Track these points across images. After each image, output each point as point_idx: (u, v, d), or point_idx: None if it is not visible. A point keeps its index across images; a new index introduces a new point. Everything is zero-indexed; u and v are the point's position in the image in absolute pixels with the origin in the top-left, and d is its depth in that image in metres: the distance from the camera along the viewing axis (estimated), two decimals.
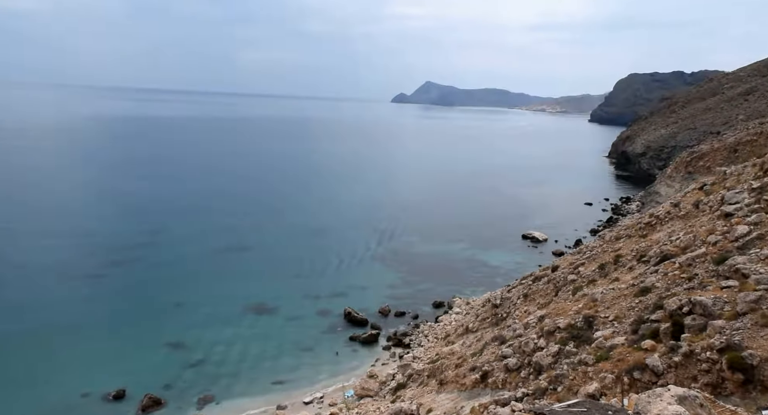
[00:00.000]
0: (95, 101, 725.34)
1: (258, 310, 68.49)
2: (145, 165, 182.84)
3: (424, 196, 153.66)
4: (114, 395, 47.50)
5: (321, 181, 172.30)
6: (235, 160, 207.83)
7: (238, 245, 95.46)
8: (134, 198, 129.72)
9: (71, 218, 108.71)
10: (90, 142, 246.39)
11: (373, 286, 78.90)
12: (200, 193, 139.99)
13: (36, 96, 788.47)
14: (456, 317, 65.19)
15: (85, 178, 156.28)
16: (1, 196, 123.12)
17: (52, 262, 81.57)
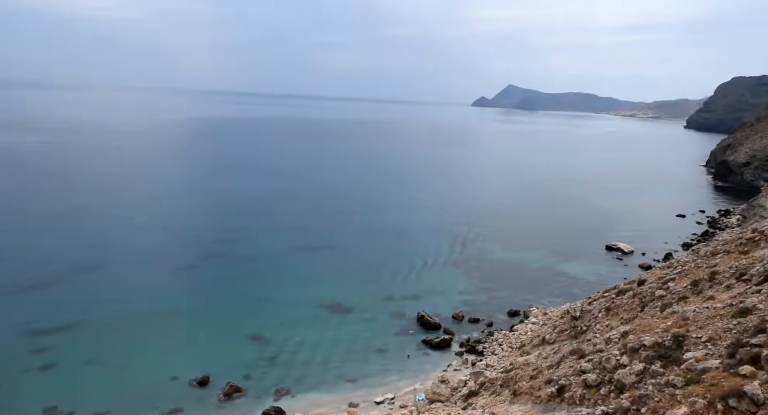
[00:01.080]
0: (187, 104, 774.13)
1: (333, 309, 70.11)
2: (229, 164, 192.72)
3: (503, 202, 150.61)
4: (199, 381, 50.40)
5: (398, 183, 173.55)
6: (315, 162, 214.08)
7: (315, 245, 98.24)
8: (224, 196, 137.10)
9: (170, 213, 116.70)
10: (178, 141, 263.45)
11: (446, 291, 78.39)
12: (282, 193, 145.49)
13: (139, 99, 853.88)
14: (532, 328, 63.32)
15: (181, 175, 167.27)
16: (112, 191, 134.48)
17: (151, 252, 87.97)
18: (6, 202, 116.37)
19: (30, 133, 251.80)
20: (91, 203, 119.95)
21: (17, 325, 59.72)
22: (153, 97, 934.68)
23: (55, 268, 78.31)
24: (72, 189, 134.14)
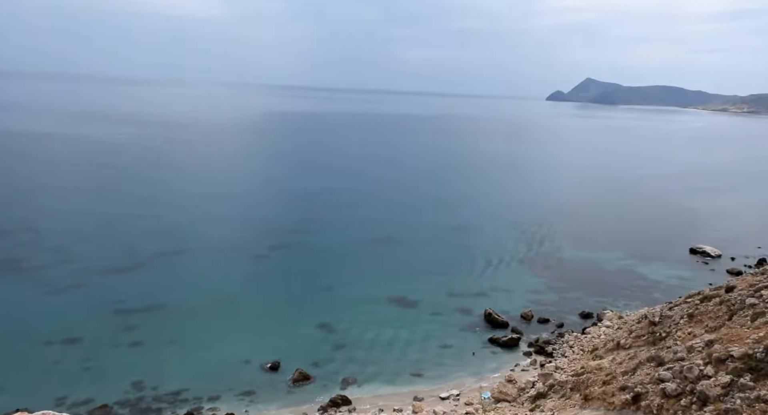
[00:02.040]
0: (262, 99, 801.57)
1: (399, 302, 70.51)
2: (302, 158, 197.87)
3: (578, 199, 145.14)
4: (270, 366, 52.41)
5: (469, 179, 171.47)
6: (387, 157, 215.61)
7: (384, 238, 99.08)
8: (296, 189, 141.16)
9: (244, 204, 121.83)
10: (255, 135, 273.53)
11: (516, 289, 76.72)
12: (353, 186, 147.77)
13: (219, 94, 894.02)
14: (606, 331, 60.74)
15: (256, 168, 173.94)
16: (192, 182, 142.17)
17: (227, 241, 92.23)
18: (101, 190, 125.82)
19: (123, 126, 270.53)
20: (173, 193, 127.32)
21: (109, 303, 64.59)
22: (233, 93, 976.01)
23: (142, 252, 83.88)
24: (157, 179, 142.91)
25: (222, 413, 44.84)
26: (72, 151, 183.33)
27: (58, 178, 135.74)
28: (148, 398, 46.33)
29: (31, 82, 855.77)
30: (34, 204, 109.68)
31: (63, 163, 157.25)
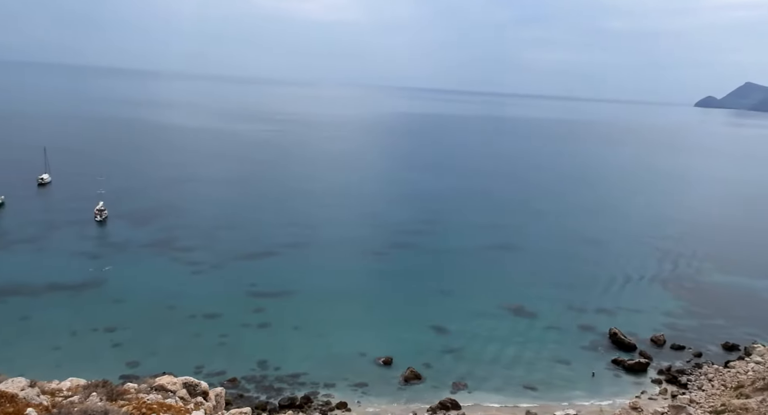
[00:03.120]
0: (395, 101, 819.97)
1: (517, 311, 68.42)
2: (429, 159, 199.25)
3: (727, 217, 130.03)
4: (384, 361, 53.69)
5: (601, 188, 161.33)
6: (510, 160, 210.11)
7: (505, 244, 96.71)
8: (414, 187, 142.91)
9: (368, 201, 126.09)
10: (384, 134, 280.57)
11: (647, 310, 70.73)
12: (474, 189, 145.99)
13: (350, 95, 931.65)
14: (755, 367, 53.81)
15: (382, 166, 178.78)
16: (321, 177, 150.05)
17: (348, 236, 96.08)
18: (242, 182, 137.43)
19: (264, 123, 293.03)
20: (303, 187, 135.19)
21: (243, 286, 70.46)
22: (367, 95, 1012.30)
23: (272, 241, 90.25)
24: (292, 173, 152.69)
25: (336, 400, 46.84)
26: (220, 144, 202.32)
27: (206, 169, 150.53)
28: (271, 377, 49.81)
29: (195, 83, 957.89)
30: (185, 191, 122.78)
31: (211, 155, 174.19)
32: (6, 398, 17.58)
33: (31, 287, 65.72)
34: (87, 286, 67.86)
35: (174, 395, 23.96)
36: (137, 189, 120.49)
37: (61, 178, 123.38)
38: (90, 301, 63.63)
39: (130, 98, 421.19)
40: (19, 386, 20.06)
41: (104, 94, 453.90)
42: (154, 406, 20.18)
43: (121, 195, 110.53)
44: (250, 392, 47.38)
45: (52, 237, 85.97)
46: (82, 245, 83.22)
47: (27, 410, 17.21)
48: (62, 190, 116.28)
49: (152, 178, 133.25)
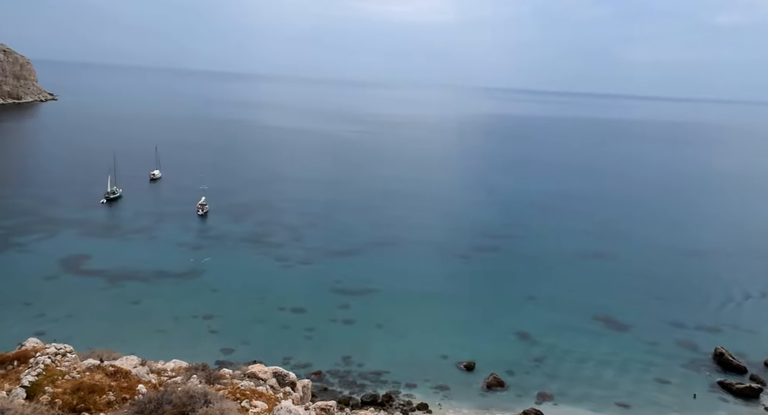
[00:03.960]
0: (481, 102, 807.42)
1: (608, 322, 64.97)
2: (517, 161, 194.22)
3: None
4: (465, 365, 53.06)
5: (707, 195, 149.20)
6: (606, 164, 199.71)
7: (596, 251, 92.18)
8: (500, 190, 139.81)
9: (452, 202, 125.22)
10: (469, 136, 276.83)
11: (762, 330, 64.40)
12: (565, 193, 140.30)
13: (435, 96, 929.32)
14: None
15: (468, 167, 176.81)
16: (403, 178, 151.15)
17: (432, 237, 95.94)
18: (334, 180, 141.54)
19: (352, 124, 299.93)
20: (389, 187, 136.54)
21: (329, 282, 72.55)
22: (454, 96, 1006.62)
23: (358, 240, 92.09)
24: (379, 173, 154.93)
25: (417, 400, 46.94)
26: (311, 144, 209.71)
27: (297, 168, 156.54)
28: (354, 373, 50.88)
29: (290, 85, 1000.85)
30: (277, 189, 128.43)
31: (302, 155, 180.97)
32: (122, 373, 19.38)
33: (142, 274, 71.79)
34: (188, 275, 73.03)
35: (265, 383, 25.22)
36: (235, 186, 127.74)
37: (169, 174, 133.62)
38: (191, 289, 68.43)
39: (231, 100, 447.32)
40: (132, 364, 22.03)
41: (207, 96, 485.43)
42: (247, 392, 21.32)
43: (221, 191, 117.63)
44: (334, 386, 48.67)
45: (160, 228, 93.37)
46: (185, 236, 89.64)
47: (138, 386, 18.87)
48: (170, 186, 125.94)
49: (248, 176, 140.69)
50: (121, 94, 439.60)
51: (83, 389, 17.18)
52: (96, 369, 19.81)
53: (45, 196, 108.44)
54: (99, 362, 20.59)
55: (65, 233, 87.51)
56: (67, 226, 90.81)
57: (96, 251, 79.11)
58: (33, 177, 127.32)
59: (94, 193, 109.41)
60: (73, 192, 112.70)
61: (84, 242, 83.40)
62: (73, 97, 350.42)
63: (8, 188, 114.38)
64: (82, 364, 20.10)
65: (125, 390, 18.27)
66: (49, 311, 59.20)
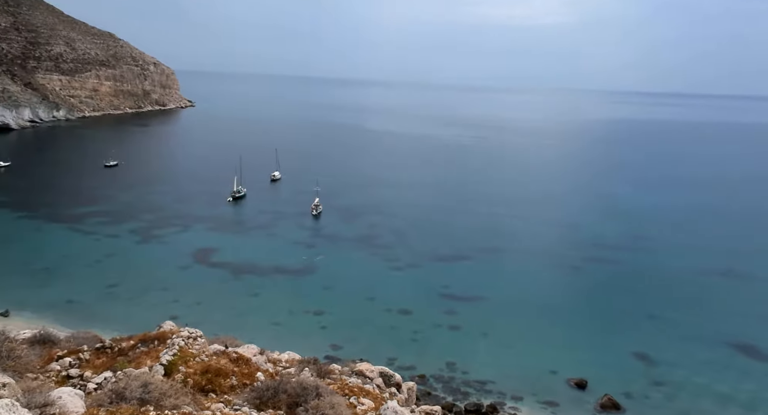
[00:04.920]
0: (605, 106, 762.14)
1: (746, 350, 58.18)
2: (637, 169, 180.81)
3: None
4: (576, 383, 50.32)
5: None
6: (748, 174, 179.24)
7: (731, 271, 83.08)
8: (621, 201, 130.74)
9: (565, 210, 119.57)
10: (590, 143, 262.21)
11: None
12: (692, 205, 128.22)
13: (554, 101, 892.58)
14: None
15: (580, 175, 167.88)
16: (519, 184, 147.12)
17: (542, 246, 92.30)
18: (440, 185, 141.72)
19: (468, 129, 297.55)
20: (499, 193, 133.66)
21: (436, 286, 72.58)
22: (573, 100, 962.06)
23: (467, 245, 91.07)
24: (490, 179, 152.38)
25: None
26: (423, 149, 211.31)
27: (409, 172, 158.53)
28: (458, 380, 50.40)
29: (404, 91, 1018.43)
30: (388, 192, 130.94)
31: (414, 159, 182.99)
32: (243, 360, 20.94)
33: (261, 268, 76.91)
34: (302, 272, 76.94)
35: (371, 382, 25.87)
36: (348, 188, 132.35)
37: (288, 176, 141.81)
38: (304, 285, 72.05)
39: (345, 105, 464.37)
40: (252, 352, 23.73)
41: (324, 102, 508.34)
42: (355, 389, 22.00)
43: (334, 193, 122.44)
44: (437, 391, 48.54)
45: (278, 226, 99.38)
46: (300, 234, 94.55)
47: (258, 373, 20.27)
48: (288, 186, 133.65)
49: (360, 179, 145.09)
50: (249, 100, 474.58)
51: (211, 372, 18.82)
52: (221, 354, 21.60)
53: (181, 193, 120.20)
54: (224, 348, 22.43)
55: (197, 227, 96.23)
56: (198, 221, 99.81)
57: (222, 245, 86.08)
58: (172, 175, 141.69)
59: (221, 191, 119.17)
60: (204, 190, 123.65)
61: (212, 236, 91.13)
62: (208, 103, 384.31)
63: (152, 185, 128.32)
64: (210, 348, 22.01)
65: (246, 376, 19.72)
66: (182, 297, 65.45)
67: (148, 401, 13.91)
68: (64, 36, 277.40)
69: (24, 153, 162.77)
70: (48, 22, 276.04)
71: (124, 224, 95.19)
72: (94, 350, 22.21)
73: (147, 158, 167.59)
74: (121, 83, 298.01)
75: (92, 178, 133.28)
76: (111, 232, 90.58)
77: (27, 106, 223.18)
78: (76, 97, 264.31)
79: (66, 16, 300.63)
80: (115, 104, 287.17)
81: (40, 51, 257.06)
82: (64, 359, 21.08)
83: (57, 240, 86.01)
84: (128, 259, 78.82)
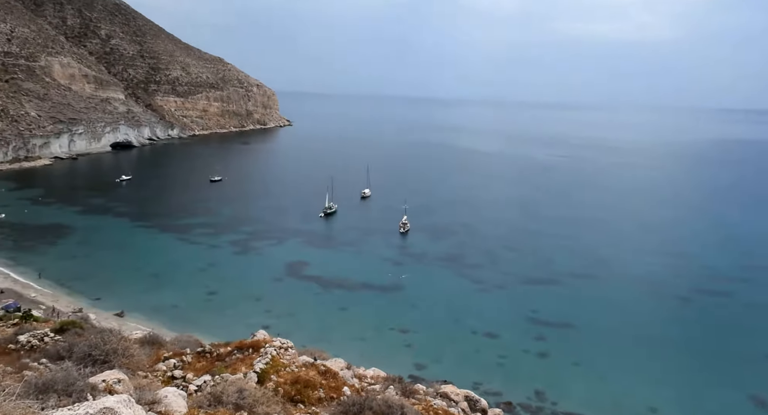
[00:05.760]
0: (715, 124, 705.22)
1: None
2: (753, 193, 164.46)
3: None
4: None
5: None
6: None
7: None
8: (735, 228, 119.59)
9: (671, 237, 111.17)
10: (699, 164, 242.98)
11: None
12: None
13: (661, 120, 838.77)
14: None
15: (689, 199, 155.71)
16: (615, 208, 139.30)
17: (644, 274, 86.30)
18: (530, 205, 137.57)
19: (553, 147, 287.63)
20: (594, 216, 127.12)
21: (524, 310, 70.15)
22: (677, 118, 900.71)
23: (558, 269, 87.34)
24: (580, 201, 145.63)
25: None
26: (511, 168, 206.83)
27: (496, 191, 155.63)
28: (547, 410, 48.12)
29: (491, 109, 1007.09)
30: (476, 212, 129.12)
31: (501, 178, 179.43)
32: (331, 374, 21.41)
33: (349, 283, 78.54)
34: (388, 288, 77.56)
35: (456, 406, 25.32)
36: (435, 206, 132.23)
37: (377, 193, 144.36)
38: (390, 302, 72.55)
39: (432, 124, 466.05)
40: (339, 366, 24.19)
41: (417, 120, 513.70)
42: (440, 412, 21.67)
43: (422, 211, 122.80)
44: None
45: (366, 242, 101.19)
46: (387, 252, 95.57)
47: (344, 388, 20.64)
48: (377, 203, 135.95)
49: (447, 198, 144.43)
50: (346, 119, 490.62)
51: (300, 383, 19.43)
52: (310, 366, 22.23)
53: (277, 208, 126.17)
54: (313, 360, 23.08)
55: (290, 241, 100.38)
56: (292, 235, 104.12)
57: (313, 259, 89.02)
58: (269, 190, 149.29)
59: (314, 207, 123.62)
60: (298, 205, 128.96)
61: (304, 250, 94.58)
62: (304, 122, 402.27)
63: (251, 199, 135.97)
64: (299, 359, 22.75)
65: (333, 390, 20.13)
66: (274, 307, 68.33)
67: (243, 407, 14.64)
68: (181, 61, 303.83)
69: (142, 168, 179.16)
70: (168, 49, 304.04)
71: (224, 235, 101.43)
72: (195, 353, 23.75)
73: (247, 174, 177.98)
74: (227, 104, 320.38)
75: (199, 192, 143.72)
76: (213, 242, 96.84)
77: (147, 126, 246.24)
78: (188, 117, 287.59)
79: (183, 43, 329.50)
80: (222, 123, 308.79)
81: (160, 75, 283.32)
82: (169, 360, 22.71)
83: (166, 248, 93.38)
84: (227, 268, 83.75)
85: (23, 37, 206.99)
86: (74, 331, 22.78)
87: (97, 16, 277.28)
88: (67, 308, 62.27)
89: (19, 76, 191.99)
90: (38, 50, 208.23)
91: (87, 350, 18.11)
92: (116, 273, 78.93)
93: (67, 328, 23.22)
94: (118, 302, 67.66)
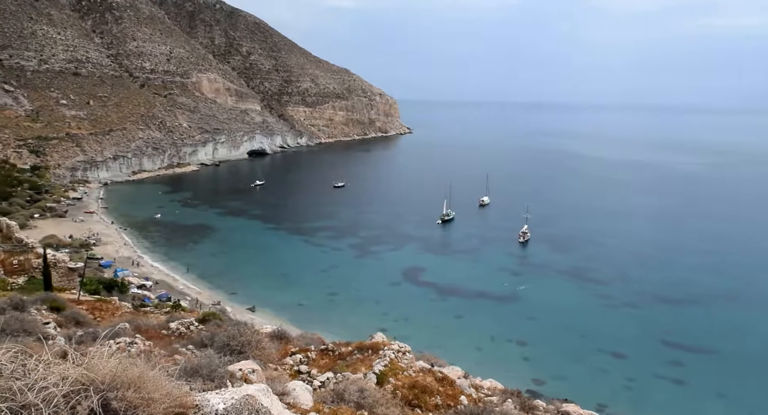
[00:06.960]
0: None
1: None
2: None
3: None
4: None
5: None
6: None
7: None
8: None
9: None
10: None
11: None
12: None
13: None
14: None
15: None
16: (764, 221, 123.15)
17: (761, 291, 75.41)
18: (664, 218, 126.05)
19: (697, 155, 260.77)
20: (739, 231, 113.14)
21: (656, 331, 64.47)
22: None
23: (696, 288, 79.13)
24: (723, 214, 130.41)
25: None
26: (644, 177, 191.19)
27: (627, 202, 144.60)
28: None
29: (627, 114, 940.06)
30: (603, 224, 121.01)
31: (633, 189, 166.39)
32: (447, 381, 21.41)
33: (465, 291, 77.79)
34: (506, 299, 75.54)
35: None
36: (558, 216, 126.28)
37: (497, 201, 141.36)
38: (508, 312, 70.61)
39: (555, 130, 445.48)
40: (456, 374, 24.08)
41: (543, 127, 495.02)
42: None
43: (543, 220, 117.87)
44: None
45: (483, 251, 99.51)
46: (505, 261, 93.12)
47: (461, 397, 20.53)
48: (496, 212, 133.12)
49: (572, 208, 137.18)
50: (467, 126, 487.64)
51: (417, 388, 19.66)
52: (427, 372, 22.40)
53: (396, 213, 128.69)
54: (430, 366, 23.23)
55: (408, 246, 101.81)
56: (409, 240, 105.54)
57: (429, 265, 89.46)
58: (389, 196, 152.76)
59: (432, 213, 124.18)
60: (416, 211, 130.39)
61: (421, 256, 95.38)
62: (424, 130, 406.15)
63: (371, 205, 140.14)
64: (416, 364, 23.02)
65: (450, 397, 20.10)
66: (391, 311, 69.72)
67: (363, 406, 15.16)
68: (311, 74, 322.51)
69: (274, 174, 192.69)
70: (299, 62, 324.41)
71: (346, 238, 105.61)
72: (319, 350, 25.04)
73: (368, 180, 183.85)
74: (351, 113, 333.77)
75: (323, 197, 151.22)
76: (336, 245, 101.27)
77: (279, 135, 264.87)
78: (315, 126, 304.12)
79: (313, 56, 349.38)
80: (346, 132, 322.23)
81: (292, 87, 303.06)
82: (295, 355, 24.19)
83: (293, 249, 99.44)
84: (348, 271, 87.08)
85: (179, 56, 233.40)
86: (214, 322, 25.24)
87: (239, 35, 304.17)
88: (208, 301, 68.93)
89: (174, 92, 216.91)
90: (191, 68, 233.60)
91: (226, 340, 19.92)
92: (250, 271, 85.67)
93: (209, 319, 25.78)
94: (250, 297, 73.39)
